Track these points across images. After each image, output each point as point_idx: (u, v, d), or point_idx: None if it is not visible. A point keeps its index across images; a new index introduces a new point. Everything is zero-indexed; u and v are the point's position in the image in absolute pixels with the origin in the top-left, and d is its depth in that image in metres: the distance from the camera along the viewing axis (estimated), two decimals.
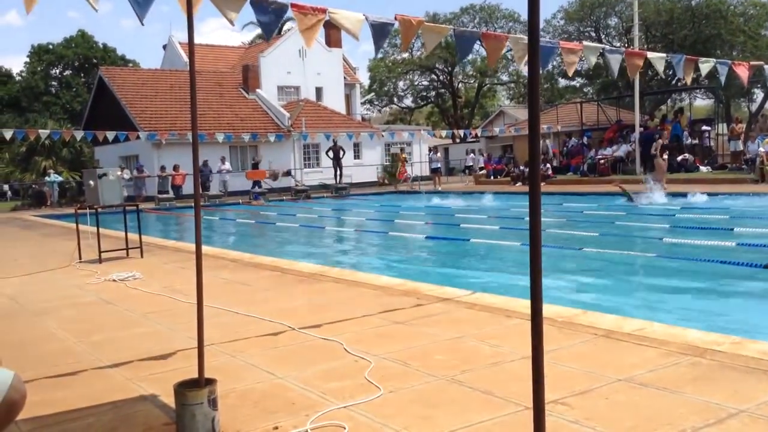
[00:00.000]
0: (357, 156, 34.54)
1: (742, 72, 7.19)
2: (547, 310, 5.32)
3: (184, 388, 3.11)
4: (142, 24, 4.08)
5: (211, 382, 3.14)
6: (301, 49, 35.43)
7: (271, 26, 4.82)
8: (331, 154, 30.23)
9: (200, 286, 3.40)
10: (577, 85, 52.13)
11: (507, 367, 3.97)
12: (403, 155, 32.46)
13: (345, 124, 34.46)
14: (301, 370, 4.09)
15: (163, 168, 28.05)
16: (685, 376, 3.67)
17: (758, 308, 6.57)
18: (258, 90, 35.07)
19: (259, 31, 46.18)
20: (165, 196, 26.68)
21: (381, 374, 3.93)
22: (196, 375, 3.31)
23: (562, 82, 51.77)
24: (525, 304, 5.50)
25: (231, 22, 4.58)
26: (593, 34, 46.93)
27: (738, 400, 3.27)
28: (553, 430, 3.05)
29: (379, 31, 4.98)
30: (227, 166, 29.40)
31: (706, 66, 6.99)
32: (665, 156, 20.16)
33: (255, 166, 29.51)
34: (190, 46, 3.48)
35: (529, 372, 3.88)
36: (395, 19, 4.97)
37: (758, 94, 46.51)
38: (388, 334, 4.91)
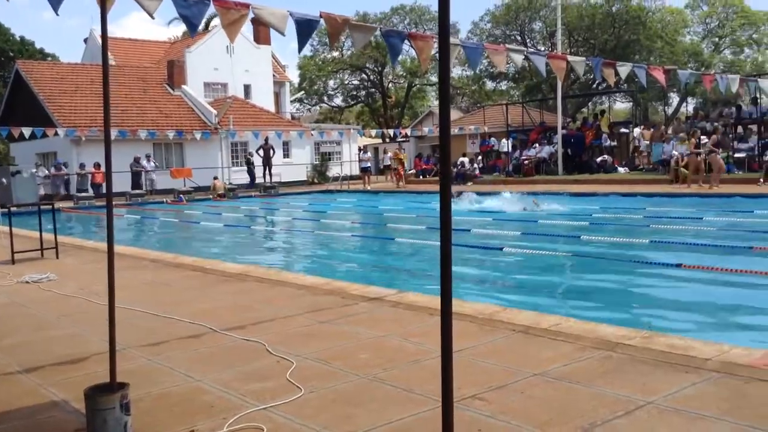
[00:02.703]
0: (286, 155, 34.23)
1: (659, 76, 7.49)
2: (469, 307, 5.44)
3: (95, 393, 3.01)
4: (57, 14, 3.93)
5: (123, 386, 3.05)
6: (229, 46, 34.83)
7: (193, 21, 4.72)
8: (261, 152, 29.89)
9: (112, 285, 3.30)
10: (504, 87, 53.18)
11: (428, 365, 4.01)
12: (402, 154, 30.18)
13: (274, 122, 34.09)
14: (221, 373, 4.03)
15: (82, 165, 27.07)
16: (597, 369, 3.80)
17: (669, 303, 6.85)
18: (184, 86, 34.28)
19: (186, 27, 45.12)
20: (84, 194, 25.76)
21: (303, 374, 3.90)
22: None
23: (490, 84, 52.73)
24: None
25: (150, 15, 4.46)
26: (519, 38, 47.98)
27: (646, 392, 3.40)
28: (469, 425, 3.11)
29: (305, 28, 4.94)
30: (151, 164, 28.63)
31: (624, 70, 7.24)
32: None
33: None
34: (104, 38, 3.37)
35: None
36: (320, 16, 4.95)
37: (674, 98, 48.64)
38: (311, 333, 4.89)
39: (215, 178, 28.32)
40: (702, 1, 49.32)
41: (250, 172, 30.75)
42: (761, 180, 18.52)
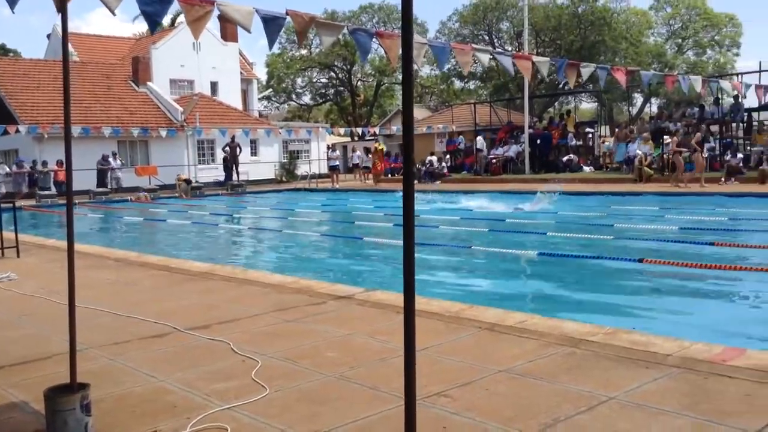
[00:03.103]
0: (254, 153, 33.95)
1: (620, 77, 7.61)
2: (436, 305, 5.46)
3: (55, 394, 2.96)
4: (13, 12, 3.85)
5: (84, 386, 3.00)
6: (196, 42, 34.45)
7: (155, 17, 4.65)
8: (227, 150, 29.58)
9: (72, 284, 3.24)
10: (472, 87, 53.51)
11: (395, 362, 4.01)
12: (380, 146, 29.81)
13: (241, 120, 33.80)
14: (184, 372, 3.98)
15: (44, 163, 26.53)
16: (561, 366, 3.84)
17: (631, 299, 6.96)
18: (149, 83, 33.78)
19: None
20: (46, 192, 25.25)
21: (269, 374, 3.88)
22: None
23: (458, 84, 53.01)
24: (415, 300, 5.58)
25: (111, 11, 4.39)
26: (486, 38, 48.31)
27: (608, 387, 3.45)
28: (435, 422, 3.12)
29: (272, 26, 4.91)
30: (117, 162, 28.17)
31: (587, 70, 7.34)
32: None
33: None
34: (64, 34, 3.31)
35: (416, 366, 3.95)
36: (287, 14, 4.92)
37: (639, 99, 49.40)
38: (278, 332, 4.86)
39: (179, 175, 27.94)
40: (666, 3, 50.19)
41: (227, 169, 30.63)
42: (722, 179, 18.92)
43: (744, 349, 4.00)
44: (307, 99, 58.90)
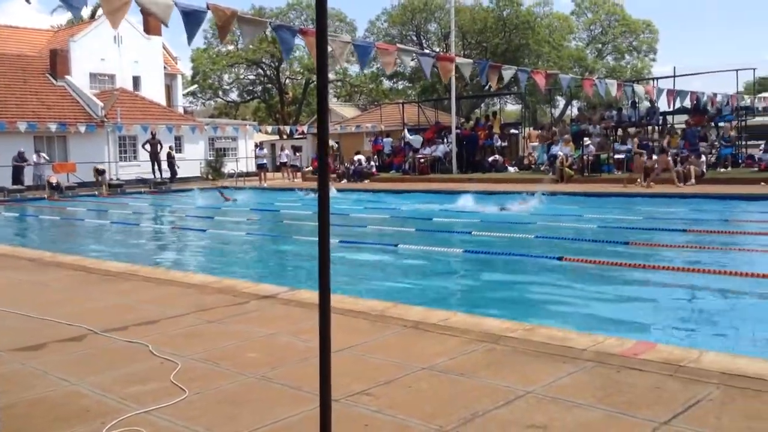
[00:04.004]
0: (179, 150, 33.14)
1: (540, 80, 7.83)
2: (362, 304, 5.48)
3: None
4: None
5: None
6: (117, 35, 33.39)
7: (75, 6, 4.50)
8: (148, 147, 28.79)
9: None
10: (401, 87, 53.88)
11: (318, 362, 3.98)
12: (333, 148, 28.63)
13: (165, 116, 32.95)
14: (100, 376, 3.85)
15: None
16: (481, 361, 3.91)
17: (551, 296, 7.16)
18: (67, 77, 32.51)
19: (71, 15, 42.83)
20: None
21: (188, 376, 3.80)
22: None
23: (387, 83, 53.28)
24: (339, 299, 5.59)
25: (27, 0, 4.22)
26: (415, 38, 48.75)
27: (526, 382, 3.54)
28: (357, 421, 3.13)
29: (192, 19, 4.81)
30: (42, 158, 26.95)
31: (508, 73, 7.51)
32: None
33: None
34: None
35: (338, 365, 3.94)
36: (207, 8, 4.83)
37: (561, 101, 50.89)
38: (199, 333, 4.77)
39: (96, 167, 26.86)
40: (586, 9, 51.88)
41: (171, 166, 29.93)
42: (639, 180, 19.66)
43: (654, 344, 4.18)
44: (234, 96, 58.01)
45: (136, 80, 35.54)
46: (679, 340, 5.33)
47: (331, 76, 56.93)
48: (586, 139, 22.86)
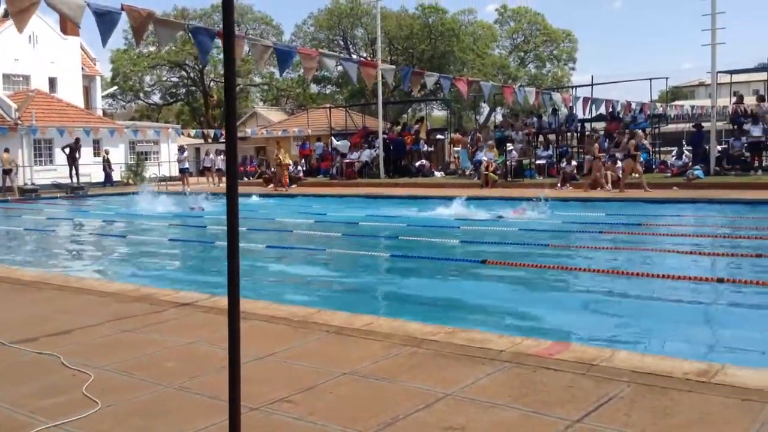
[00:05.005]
0: (97, 154, 32.04)
1: (462, 87, 7.96)
2: (284, 310, 5.43)
3: None
4: None
5: None
6: (33, 35, 32.07)
7: None
8: (67, 150, 27.75)
9: None
10: (328, 92, 53.79)
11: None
12: (281, 153, 25.50)
13: (83, 118, 31.83)
14: (7, 390, 3.68)
15: None
16: (403, 365, 3.94)
17: (474, 298, 7.29)
18: None
19: None
20: None
21: (102, 387, 3.67)
22: None
23: (314, 88, 53.07)
24: (263, 306, 5.54)
25: None
26: (342, 43, 48.80)
27: (445, 385, 3.58)
28: (276, 428, 3.10)
29: (105, 21, 4.66)
30: None
31: (431, 79, 7.61)
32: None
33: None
34: None
35: (258, 372, 3.90)
36: (122, 9, 4.69)
37: (485, 108, 51.94)
38: (114, 343, 4.61)
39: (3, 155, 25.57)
40: (509, 18, 53.17)
41: (105, 170, 29.01)
42: (558, 185, 20.25)
43: (569, 344, 4.31)
44: (156, 98, 56.57)
45: (52, 81, 34.22)
46: (595, 341, 5.51)
47: (257, 79, 56.35)
48: (509, 144, 23.41)
